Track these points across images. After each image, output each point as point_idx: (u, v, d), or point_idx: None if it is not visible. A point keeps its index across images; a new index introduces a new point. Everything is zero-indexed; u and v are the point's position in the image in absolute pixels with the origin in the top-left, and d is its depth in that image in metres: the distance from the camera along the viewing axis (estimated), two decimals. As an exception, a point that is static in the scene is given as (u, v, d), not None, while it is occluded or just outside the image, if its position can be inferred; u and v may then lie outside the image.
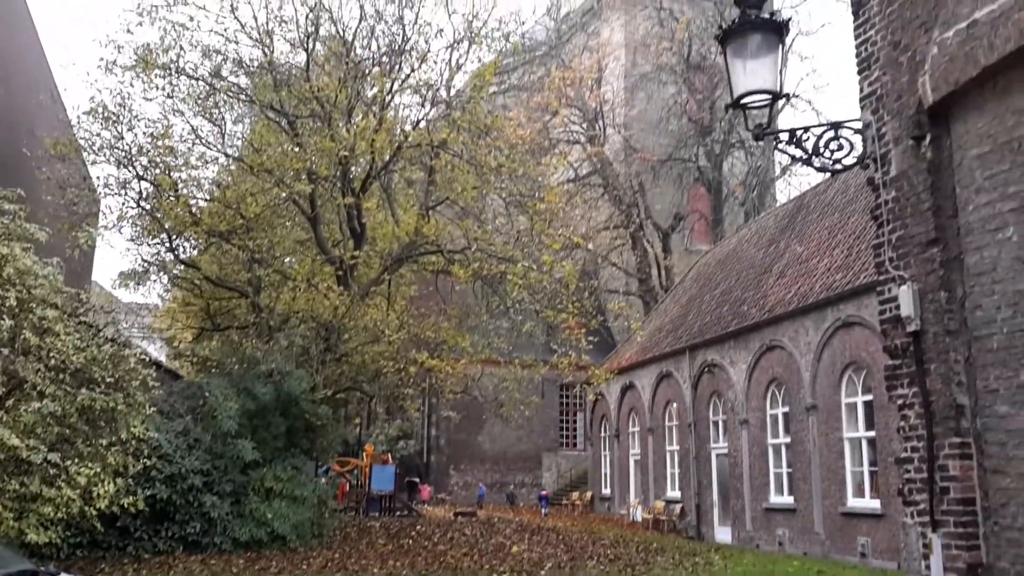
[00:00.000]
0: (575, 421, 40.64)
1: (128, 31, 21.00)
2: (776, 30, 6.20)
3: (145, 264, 24.12)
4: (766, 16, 6.25)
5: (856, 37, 6.19)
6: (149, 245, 23.71)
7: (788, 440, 20.75)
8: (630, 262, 42.14)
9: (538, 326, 23.64)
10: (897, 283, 5.73)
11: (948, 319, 5.39)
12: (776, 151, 8.45)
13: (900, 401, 5.78)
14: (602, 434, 33.11)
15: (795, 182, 52.40)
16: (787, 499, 20.64)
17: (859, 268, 18.51)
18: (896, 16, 5.77)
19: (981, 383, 5.23)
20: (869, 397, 17.95)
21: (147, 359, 15.12)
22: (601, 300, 36.24)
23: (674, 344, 27.04)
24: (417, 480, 34.42)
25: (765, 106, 6.36)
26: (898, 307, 5.69)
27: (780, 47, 6.27)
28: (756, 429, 22.07)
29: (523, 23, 30.74)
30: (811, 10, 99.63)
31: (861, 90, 6.16)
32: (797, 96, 39.06)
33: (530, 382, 24.31)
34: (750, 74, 6.20)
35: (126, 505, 13.00)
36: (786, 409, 20.97)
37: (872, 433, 17.75)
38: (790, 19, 6.31)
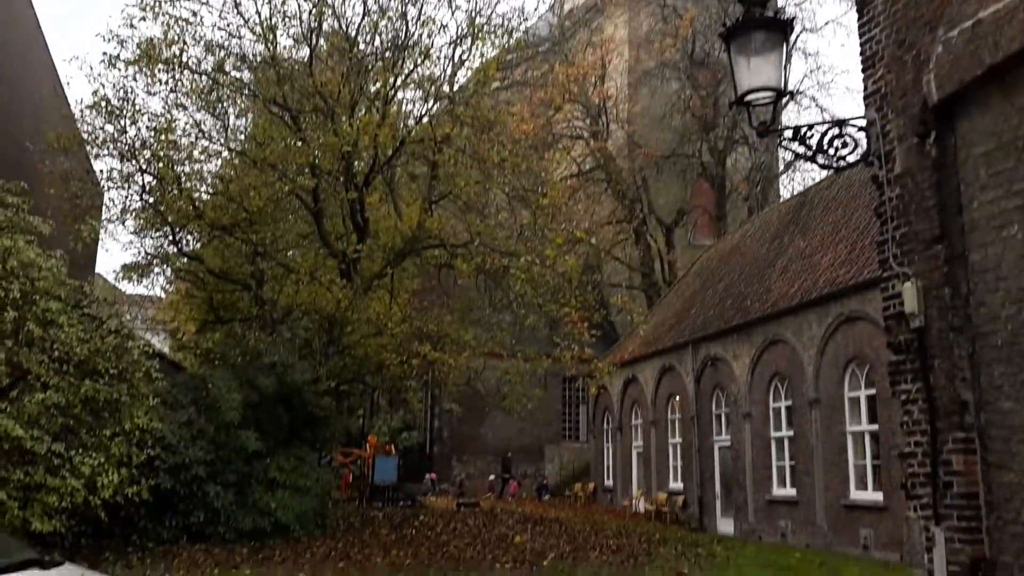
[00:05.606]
0: (578, 414, 40.67)
1: (131, 26, 20.73)
2: (780, 28, 6.20)
3: (148, 257, 24.14)
4: (770, 14, 6.25)
5: (861, 35, 6.19)
6: (152, 238, 23.73)
7: (791, 433, 20.81)
8: (633, 257, 42.08)
9: (541, 320, 23.62)
10: (901, 280, 5.74)
11: (952, 315, 5.41)
12: (780, 148, 8.45)
13: (904, 396, 5.80)
14: (605, 427, 33.16)
15: (799, 178, 52.17)
16: (789, 491, 20.71)
17: (863, 263, 18.51)
18: (900, 15, 5.77)
19: (985, 379, 5.25)
20: (872, 391, 17.99)
21: (151, 351, 15.15)
22: (604, 294, 36.19)
23: (677, 338, 27.06)
24: (431, 474, 34.68)
25: (769, 103, 6.36)
26: (902, 303, 5.71)
27: (784, 45, 6.27)
28: (759, 422, 22.11)
29: (526, 19, 30.48)
30: (815, 7, 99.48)
31: (865, 88, 6.16)
32: (801, 92, 38.92)
33: (533, 375, 24.23)
34: (754, 72, 6.19)
35: (130, 495, 13.08)
36: (789, 403, 21.02)
37: (875, 427, 17.79)
38: (794, 18, 6.32)
